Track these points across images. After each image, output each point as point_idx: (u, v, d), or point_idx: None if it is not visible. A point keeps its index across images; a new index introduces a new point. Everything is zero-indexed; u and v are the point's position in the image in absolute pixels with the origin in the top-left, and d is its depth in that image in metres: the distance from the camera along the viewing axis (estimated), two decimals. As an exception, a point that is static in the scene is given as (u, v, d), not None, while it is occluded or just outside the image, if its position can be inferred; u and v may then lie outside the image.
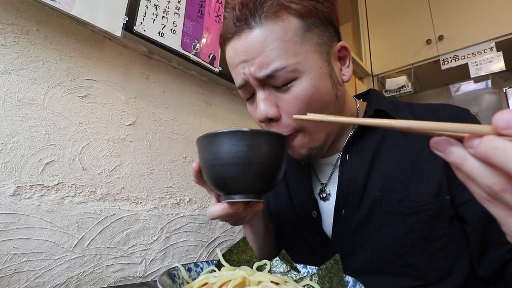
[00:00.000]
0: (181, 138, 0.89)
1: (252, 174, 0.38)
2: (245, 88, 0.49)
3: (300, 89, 0.44)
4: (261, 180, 0.39)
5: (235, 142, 0.37)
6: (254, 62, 0.44)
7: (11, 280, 0.54)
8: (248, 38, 0.44)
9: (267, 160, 0.38)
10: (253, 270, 0.40)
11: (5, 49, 0.59)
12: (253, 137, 0.37)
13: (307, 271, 0.44)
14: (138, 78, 0.81)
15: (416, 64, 2.06)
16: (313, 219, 0.56)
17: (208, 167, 0.40)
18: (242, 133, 0.37)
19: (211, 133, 0.38)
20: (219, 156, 0.38)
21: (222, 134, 0.38)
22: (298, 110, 0.44)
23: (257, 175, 0.38)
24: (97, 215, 0.67)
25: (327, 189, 0.56)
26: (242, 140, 0.37)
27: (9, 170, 0.56)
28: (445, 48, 1.90)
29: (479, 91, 2.12)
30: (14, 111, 0.58)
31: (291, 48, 0.43)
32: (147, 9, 0.77)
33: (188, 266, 0.42)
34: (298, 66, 0.44)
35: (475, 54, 1.78)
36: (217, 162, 0.38)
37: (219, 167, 0.38)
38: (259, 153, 0.37)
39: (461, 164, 0.22)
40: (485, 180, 0.21)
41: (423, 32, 2.02)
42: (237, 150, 0.37)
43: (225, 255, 0.44)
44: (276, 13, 0.43)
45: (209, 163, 0.39)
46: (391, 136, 0.51)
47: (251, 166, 0.37)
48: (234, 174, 0.38)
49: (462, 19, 1.86)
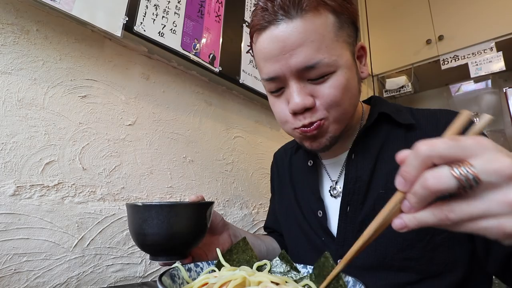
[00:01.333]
0: (181, 138, 0.89)
1: (172, 243, 0.44)
2: (275, 81, 0.49)
3: (335, 80, 0.46)
4: (181, 247, 0.46)
5: (155, 215, 0.43)
6: (294, 53, 0.45)
7: (11, 280, 0.54)
8: (289, 27, 0.45)
9: (186, 229, 0.45)
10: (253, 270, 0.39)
11: (5, 49, 0.59)
12: (145, 210, 0.43)
13: (307, 271, 0.44)
14: (138, 78, 0.81)
15: (416, 64, 2.06)
16: (318, 218, 0.57)
17: (131, 232, 0.46)
18: (138, 207, 0.44)
19: (135, 203, 0.44)
20: (132, 225, 0.44)
21: (134, 206, 0.44)
22: (332, 100, 0.47)
23: (176, 244, 0.45)
24: (97, 215, 0.67)
25: (337, 186, 0.58)
26: (138, 213, 0.44)
27: (9, 170, 0.56)
28: (445, 48, 1.90)
29: (479, 91, 2.12)
30: (14, 111, 0.58)
31: (330, 42, 0.45)
32: (147, 9, 0.77)
33: (188, 266, 0.42)
34: (337, 61, 0.46)
35: (475, 54, 1.78)
36: (133, 230, 0.45)
37: (135, 236, 0.45)
38: (151, 225, 0.43)
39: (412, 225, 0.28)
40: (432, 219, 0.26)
41: (423, 32, 2.02)
42: (157, 222, 0.43)
43: (225, 255, 0.44)
44: (316, 7, 0.45)
45: (130, 229, 0.46)
46: (394, 139, 0.54)
47: (173, 236, 0.44)
48: (144, 243, 0.44)
49: (462, 19, 1.86)
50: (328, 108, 0.47)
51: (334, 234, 0.55)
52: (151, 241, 0.44)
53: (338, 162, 0.59)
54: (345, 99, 0.48)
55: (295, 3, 0.44)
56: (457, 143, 0.24)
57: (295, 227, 0.64)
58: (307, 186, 0.62)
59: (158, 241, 0.44)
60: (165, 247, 0.45)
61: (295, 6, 0.44)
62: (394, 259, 0.48)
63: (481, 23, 1.78)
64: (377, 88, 2.29)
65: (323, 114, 0.48)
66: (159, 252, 0.46)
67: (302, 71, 0.46)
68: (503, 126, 1.96)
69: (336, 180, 0.59)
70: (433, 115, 0.53)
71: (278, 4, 0.45)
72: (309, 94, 0.47)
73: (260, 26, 0.48)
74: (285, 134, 1.30)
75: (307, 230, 0.60)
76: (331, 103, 0.46)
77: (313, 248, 0.59)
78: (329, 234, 0.56)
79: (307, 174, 0.63)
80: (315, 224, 0.58)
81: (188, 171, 0.88)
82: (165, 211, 0.43)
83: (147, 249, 0.46)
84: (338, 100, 0.47)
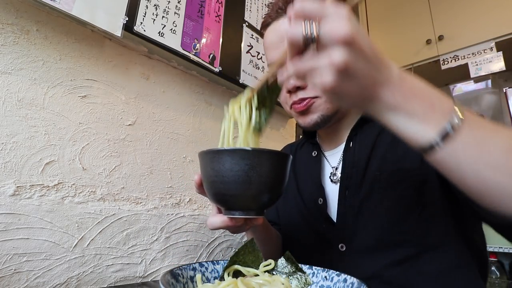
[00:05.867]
0: (181, 138, 0.89)
1: (252, 193, 0.38)
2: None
3: None
4: (262, 199, 0.40)
5: (236, 161, 0.37)
6: None
7: (11, 280, 0.54)
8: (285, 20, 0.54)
9: (268, 179, 0.38)
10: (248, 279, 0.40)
11: (5, 49, 0.59)
12: (255, 156, 0.37)
13: (313, 272, 0.44)
14: (138, 78, 0.81)
15: (416, 64, 2.06)
16: (319, 206, 0.60)
17: (209, 182, 0.40)
18: (244, 152, 0.37)
19: (214, 149, 0.39)
20: (220, 173, 0.38)
21: (224, 151, 0.38)
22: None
23: (257, 194, 0.39)
24: (97, 215, 0.67)
25: (337, 172, 0.62)
26: (243, 159, 0.37)
27: (9, 170, 0.56)
28: (445, 48, 1.90)
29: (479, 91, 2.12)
30: (14, 111, 0.58)
31: None
32: (147, 9, 0.77)
33: (193, 265, 0.42)
34: None
35: (475, 54, 1.78)
36: (217, 179, 0.38)
37: (220, 184, 0.38)
38: (260, 172, 0.37)
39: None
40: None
41: (423, 32, 2.02)
42: (238, 168, 0.37)
43: (233, 257, 0.44)
44: None
45: (210, 179, 0.40)
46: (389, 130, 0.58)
47: (251, 185, 0.37)
48: (234, 192, 0.38)
49: (462, 19, 1.86)
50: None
51: (334, 220, 0.58)
52: (255, 190, 0.38)
53: (339, 152, 0.63)
54: None
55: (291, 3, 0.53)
56: (321, 6, 0.29)
57: (296, 216, 0.66)
58: (309, 176, 0.66)
59: (264, 190, 0.39)
60: (267, 198, 0.40)
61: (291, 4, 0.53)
62: (390, 234, 0.50)
63: (481, 23, 1.78)
64: (377, 88, 2.29)
65: (315, 93, 0.55)
66: (249, 205, 0.40)
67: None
68: (503, 126, 1.95)
69: (336, 166, 0.62)
70: None
71: (277, 5, 0.58)
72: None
73: (266, 23, 0.61)
74: (285, 134, 1.30)
75: (308, 218, 0.63)
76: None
77: (314, 235, 0.61)
78: (329, 220, 0.58)
79: (310, 164, 0.68)
80: (315, 212, 0.61)
81: (188, 171, 0.88)
82: (279, 157, 0.39)
83: (232, 199, 0.39)
84: None
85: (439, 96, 0.32)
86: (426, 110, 0.31)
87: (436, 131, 0.30)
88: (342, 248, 0.55)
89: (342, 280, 0.40)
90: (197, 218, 0.87)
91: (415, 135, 0.31)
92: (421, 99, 0.31)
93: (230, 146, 0.40)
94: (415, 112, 0.31)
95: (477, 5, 1.82)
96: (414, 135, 0.31)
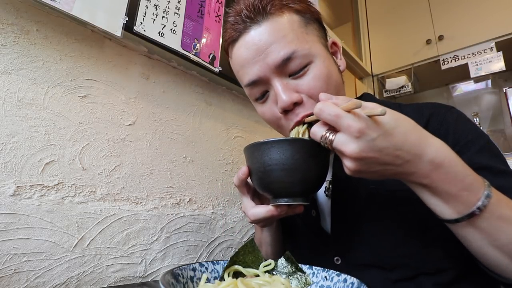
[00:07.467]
0: (181, 138, 0.89)
1: (311, 179, 0.42)
2: (257, 85, 0.50)
3: (316, 70, 0.48)
4: (314, 185, 0.43)
5: (297, 150, 0.40)
6: (268, 52, 0.47)
7: (11, 280, 0.54)
8: (258, 31, 0.48)
9: (322, 167, 0.43)
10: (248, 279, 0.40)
11: (5, 49, 0.59)
12: (313, 146, 0.41)
13: (313, 272, 0.44)
14: (138, 78, 0.81)
15: (416, 64, 2.06)
16: (313, 218, 0.58)
17: (266, 171, 0.42)
18: (304, 142, 0.42)
19: (271, 139, 0.41)
20: (281, 161, 0.41)
21: (284, 141, 0.41)
22: (318, 90, 0.47)
23: (313, 181, 0.42)
24: (97, 215, 0.67)
25: (331, 186, 0.59)
26: (303, 148, 0.41)
27: (9, 170, 0.56)
28: (445, 48, 1.90)
29: (479, 91, 2.12)
30: (14, 111, 0.58)
31: (300, 35, 0.48)
32: (147, 9, 0.77)
33: (193, 266, 0.42)
34: (311, 50, 0.48)
35: (475, 54, 1.78)
36: (277, 167, 0.41)
37: (280, 172, 0.41)
38: (316, 160, 0.41)
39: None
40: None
41: (423, 32, 2.02)
42: (299, 157, 0.40)
43: (233, 257, 0.44)
44: (280, 9, 0.48)
45: (267, 168, 0.42)
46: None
47: (311, 172, 0.41)
48: (293, 179, 0.41)
49: (462, 19, 1.86)
50: (316, 99, 0.47)
51: (329, 233, 0.56)
52: (314, 177, 0.42)
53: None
54: (330, 87, 0.49)
55: (260, 10, 0.48)
56: (337, 117, 0.34)
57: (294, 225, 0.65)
58: None
59: (318, 177, 0.42)
60: (317, 184, 0.43)
61: (261, 12, 0.48)
62: (389, 256, 0.49)
63: (481, 23, 1.78)
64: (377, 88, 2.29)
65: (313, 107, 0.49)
66: (302, 191, 0.42)
67: (281, 66, 0.47)
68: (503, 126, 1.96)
69: (330, 180, 0.59)
70: (419, 109, 0.55)
71: (244, 15, 0.49)
72: (294, 90, 0.48)
73: (233, 37, 0.51)
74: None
75: (303, 229, 0.62)
76: (317, 94, 0.46)
77: (310, 245, 0.60)
78: (324, 233, 0.57)
79: None
80: (311, 224, 0.59)
81: (188, 171, 0.88)
82: (326, 151, 0.41)
83: (293, 187, 0.42)
84: (324, 89, 0.47)
85: (472, 179, 0.34)
86: (456, 194, 0.34)
87: (465, 212, 0.34)
88: (338, 261, 0.54)
89: (342, 280, 0.40)
90: (197, 218, 0.87)
91: (442, 212, 0.35)
92: (454, 184, 0.34)
93: (278, 138, 0.43)
94: (445, 195, 0.34)
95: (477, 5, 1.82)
96: (440, 211, 0.36)
